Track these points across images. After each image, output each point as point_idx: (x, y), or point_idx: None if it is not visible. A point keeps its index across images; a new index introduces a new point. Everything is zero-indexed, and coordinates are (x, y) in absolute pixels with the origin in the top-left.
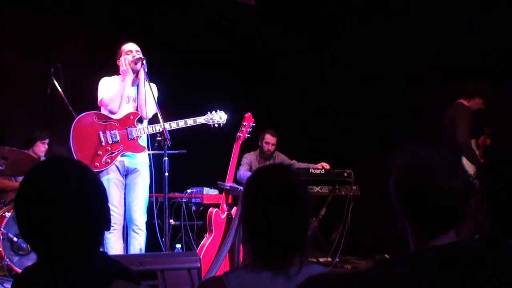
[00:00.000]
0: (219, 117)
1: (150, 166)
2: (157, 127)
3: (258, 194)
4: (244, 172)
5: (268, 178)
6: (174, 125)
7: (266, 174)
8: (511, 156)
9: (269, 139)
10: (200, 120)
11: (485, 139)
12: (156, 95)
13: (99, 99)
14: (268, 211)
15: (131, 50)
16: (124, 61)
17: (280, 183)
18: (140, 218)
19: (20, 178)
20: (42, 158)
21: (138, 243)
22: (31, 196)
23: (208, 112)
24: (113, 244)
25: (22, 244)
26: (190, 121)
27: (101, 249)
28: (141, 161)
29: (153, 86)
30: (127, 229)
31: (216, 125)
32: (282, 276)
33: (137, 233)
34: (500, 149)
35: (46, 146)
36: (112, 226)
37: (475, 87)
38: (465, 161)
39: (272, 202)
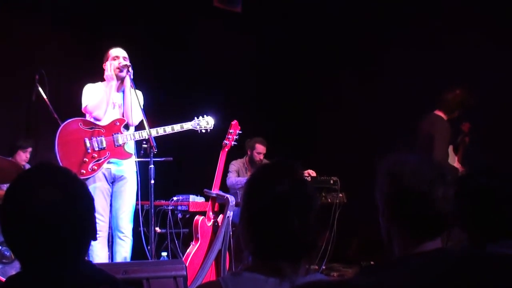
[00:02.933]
0: (206, 122)
1: (137, 173)
2: (144, 134)
3: (267, 192)
4: (237, 179)
5: (274, 176)
6: (161, 131)
7: (270, 172)
8: (480, 168)
9: (261, 149)
10: (187, 126)
11: (463, 138)
12: (142, 102)
13: (83, 106)
14: (275, 210)
15: (118, 56)
16: (109, 66)
17: (287, 181)
18: (126, 225)
19: (3, 186)
20: (27, 166)
21: (125, 251)
22: (18, 203)
23: (195, 118)
24: (98, 252)
25: (6, 252)
26: (177, 127)
27: (86, 257)
28: (128, 169)
29: (139, 93)
30: (112, 237)
31: (203, 131)
32: (286, 283)
33: (123, 240)
34: (476, 153)
35: (28, 156)
36: (97, 234)
37: (456, 100)
38: None
39: (282, 200)
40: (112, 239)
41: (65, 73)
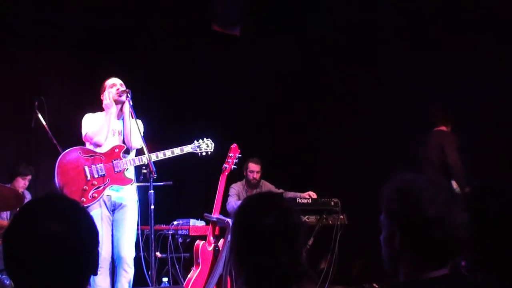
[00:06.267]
0: (206, 145)
1: (138, 201)
2: (144, 159)
3: (250, 225)
4: (236, 202)
5: (260, 208)
6: (161, 155)
7: (256, 204)
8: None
9: (253, 167)
10: (187, 149)
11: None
12: (142, 130)
13: (83, 134)
14: (263, 242)
15: (114, 84)
16: (108, 95)
17: (273, 213)
18: (129, 254)
19: (3, 213)
20: (26, 193)
21: (126, 281)
22: (21, 233)
23: (195, 141)
24: (100, 282)
25: (6, 281)
26: (177, 151)
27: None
28: (128, 196)
29: (139, 121)
30: (114, 263)
31: (204, 153)
32: None
33: (126, 271)
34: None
35: (27, 183)
36: (100, 265)
37: (443, 112)
38: (455, 185)
39: (266, 233)
40: (114, 268)
41: (65, 100)
